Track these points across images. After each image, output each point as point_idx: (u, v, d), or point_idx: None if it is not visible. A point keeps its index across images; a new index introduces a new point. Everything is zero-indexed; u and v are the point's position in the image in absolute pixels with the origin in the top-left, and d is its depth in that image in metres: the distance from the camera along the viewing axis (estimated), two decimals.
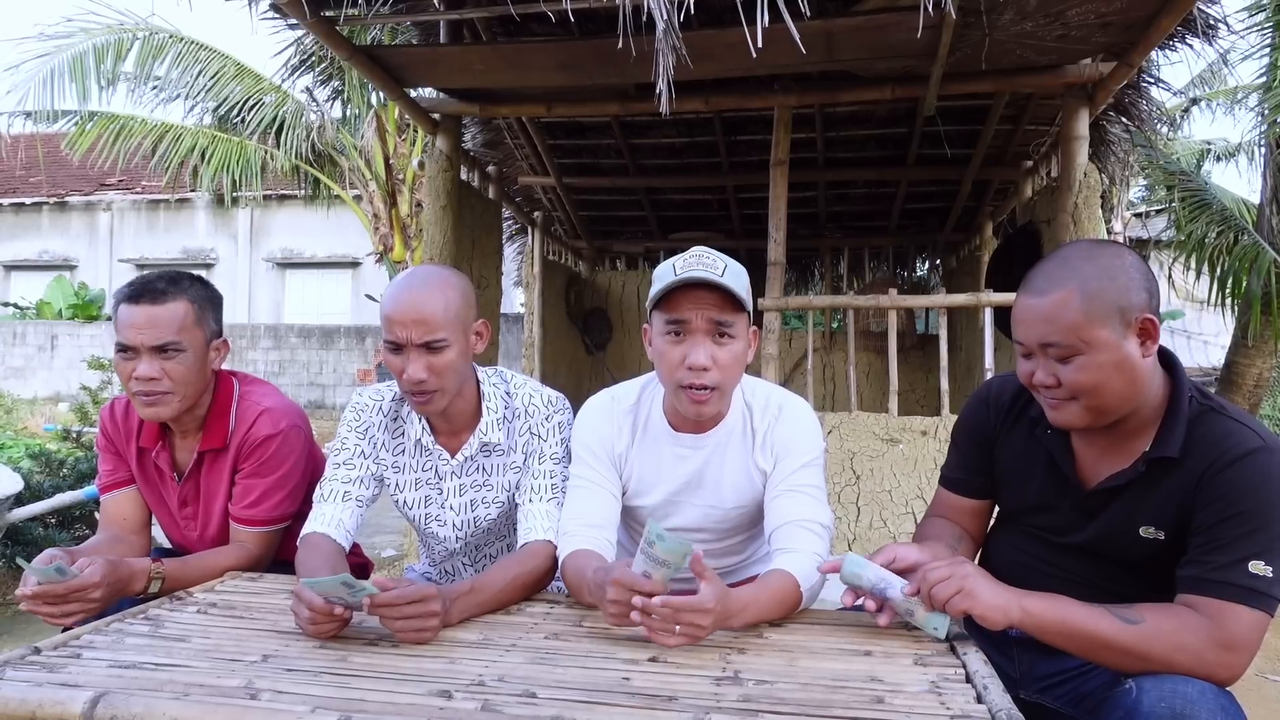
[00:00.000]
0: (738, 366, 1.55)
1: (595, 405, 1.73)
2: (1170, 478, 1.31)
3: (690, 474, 1.66)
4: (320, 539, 1.62)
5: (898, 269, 8.11)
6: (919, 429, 3.80)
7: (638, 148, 5.74)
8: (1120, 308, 1.26)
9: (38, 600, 1.45)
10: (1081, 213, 3.80)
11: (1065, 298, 1.28)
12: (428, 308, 1.55)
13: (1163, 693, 1.15)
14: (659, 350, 1.55)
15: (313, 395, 13.75)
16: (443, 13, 3.24)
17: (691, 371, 1.49)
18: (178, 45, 8.15)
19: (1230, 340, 5.86)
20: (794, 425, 1.63)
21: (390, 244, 9.39)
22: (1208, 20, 3.51)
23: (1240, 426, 1.28)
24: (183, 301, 1.75)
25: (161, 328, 1.71)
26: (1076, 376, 1.29)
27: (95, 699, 1.02)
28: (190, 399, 1.78)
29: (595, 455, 1.67)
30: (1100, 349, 1.27)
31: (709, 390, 1.51)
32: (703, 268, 1.48)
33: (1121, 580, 1.38)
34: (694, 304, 1.48)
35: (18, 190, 17.93)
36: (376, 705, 1.06)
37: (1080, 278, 1.28)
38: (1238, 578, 1.20)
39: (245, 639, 1.31)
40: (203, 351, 1.78)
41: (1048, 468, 1.46)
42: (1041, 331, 1.30)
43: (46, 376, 14.46)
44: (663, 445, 1.67)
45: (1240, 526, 1.22)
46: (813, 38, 3.12)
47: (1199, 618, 1.20)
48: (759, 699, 1.10)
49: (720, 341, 1.51)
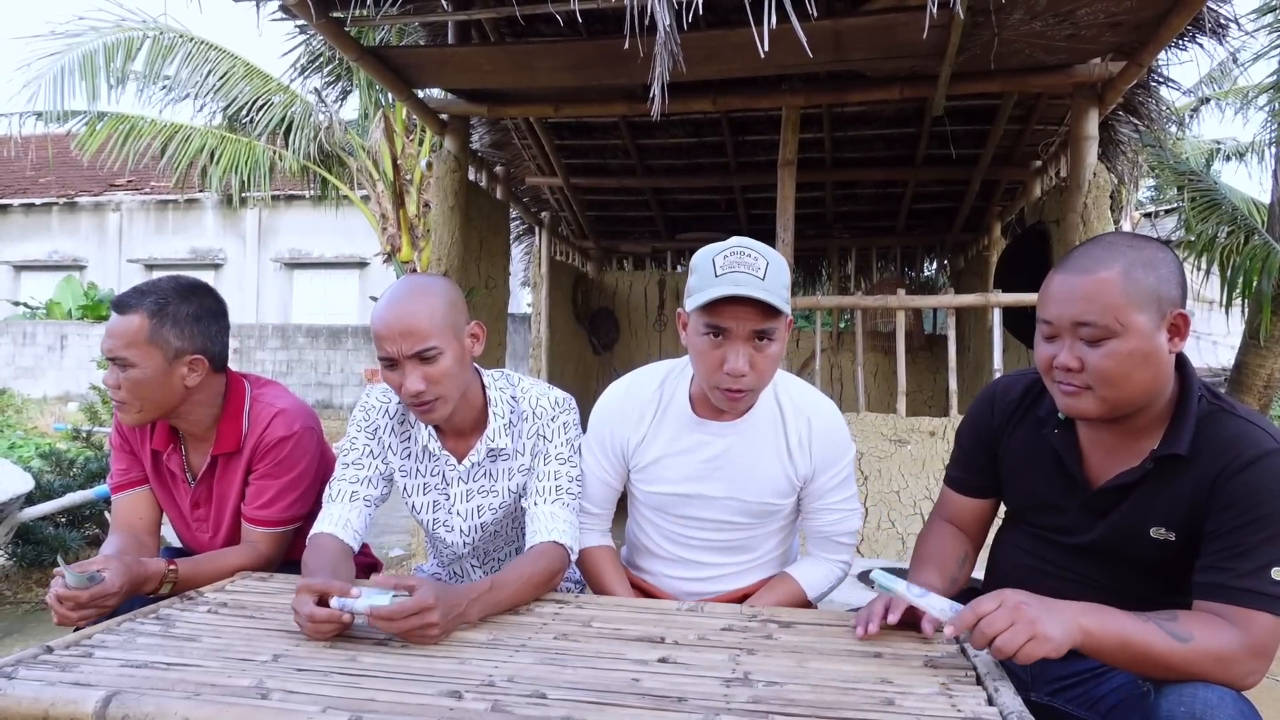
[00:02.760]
0: (774, 366, 1.57)
1: (615, 395, 1.76)
2: (1180, 477, 1.29)
3: (710, 460, 1.67)
4: (327, 539, 1.62)
5: (905, 269, 8.09)
6: (927, 430, 3.80)
7: (645, 148, 5.75)
8: (1159, 297, 1.25)
9: (62, 602, 1.47)
10: (1090, 213, 3.79)
11: (1109, 277, 1.26)
12: (414, 318, 1.54)
13: (1182, 697, 1.14)
14: (697, 348, 1.54)
15: (320, 395, 13.78)
16: (450, 14, 3.25)
17: (730, 377, 1.50)
18: (187, 45, 8.17)
19: (1240, 341, 5.84)
20: (830, 438, 1.68)
21: (398, 244, 9.40)
22: (1218, 19, 3.50)
23: (1252, 427, 1.27)
24: (138, 315, 1.71)
25: (114, 339, 1.71)
26: (1104, 363, 1.26)
27: (107, 698, 1.03)
28: (153, 411, 1.77)
29: (604, 450, 1.75)
30: (1134, 334, 1.25)
31: (744, 393, 1.54)
32: (744, 268, 1.45)
33: (1131, 581, 1.37)
34: (735, 315, 1.47)
35: (28, 191, 18.02)
36: (387, 705, 1.06)
37: (1126, 261, 1.26)
38: (1263, 585, 1.19)
39: (256, 639, 1.31)
40: (162, 366, 1.73)
41: (1055, 466, 1.45)
42: (1079, 309, 1.27)
43: (56, 376, 14.52)
44: (683, 428, 1.68)
45: (1261, 532, 1.20)
46: (820, 37, 3.11)
47: (1231, 628, 1.19)
48: (769, 700, 1.10)
49: (760, 346, 1.51)
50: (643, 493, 1.76)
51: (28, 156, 9.86)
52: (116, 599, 1.51)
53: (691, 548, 1.76)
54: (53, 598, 1.47)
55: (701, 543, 1.75)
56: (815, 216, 6.94)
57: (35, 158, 10.99)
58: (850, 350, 7.34)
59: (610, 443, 1.73)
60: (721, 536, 1.74)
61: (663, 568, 1.81)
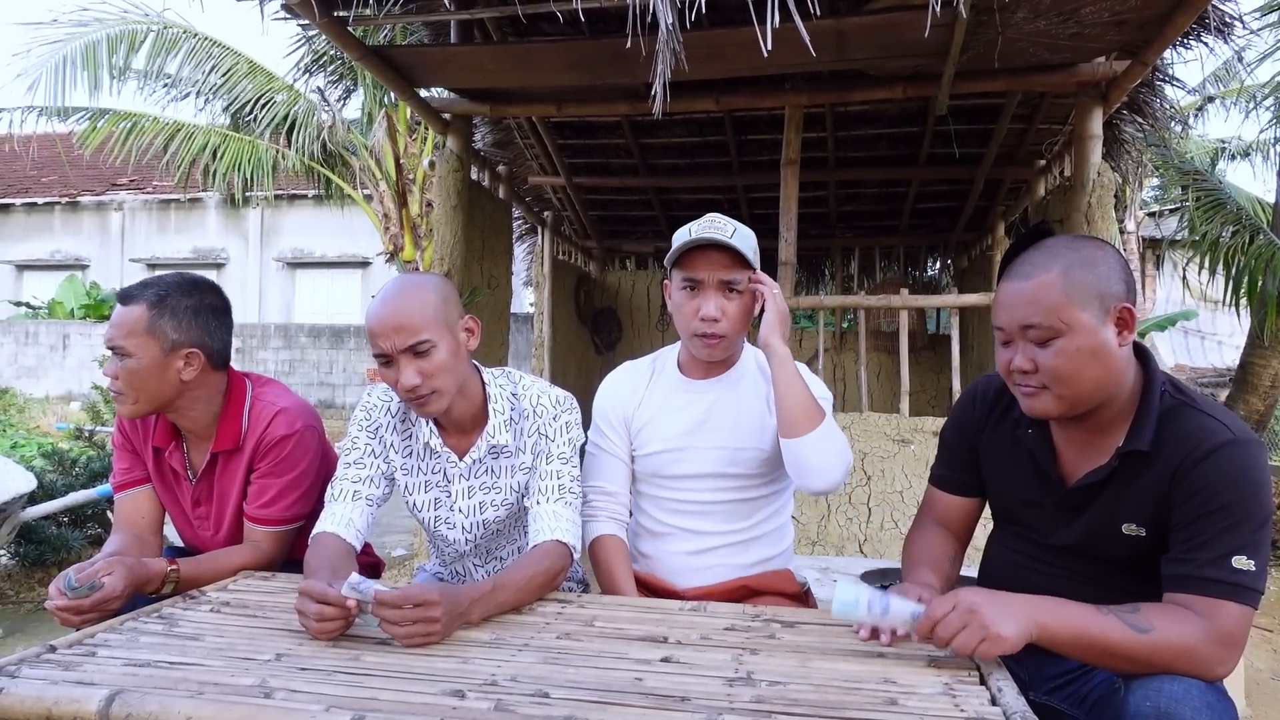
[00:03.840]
0: (745, 317, 1.77)
1: (612, 375, 1.97)
2: (1145, 472, 1.32)
3: (699, 414, 1.82)
4: (329, 539, 1.62)
5: (909, 269, 8.09)
6: (930, 430, 3.79)
7: (648, 147, 5.74)
8: (1100, 294, 1.29)
9: (64, 611, 1.48)
10: (1095, 212, 3.78)
11: (1048, 280, 1.31)
12: (405, 313, 1.56)
13: (1148, 691, 1.15)
14: (677, 304, 1.77)
15: (322, 395, 13.80)
16: (453, 13, 3.25)
17: (704, 322, 1.72)
18: (190, 40, 8.17)
19: (1245, 340, 5.83)
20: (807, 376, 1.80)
21: (400, 244, 9.40)
22: (1223, 18, 3.49)
23: (1210, 419, 1.29)
24: (139, 306, 1.75)
25: (115, 328, 1.74)
26: (1054, 361, 1.30)
27: (110, 697, 1.03)
28: (148, 403, 1.77)
29: (609, 424, 1.89)
30: (1079, 332, 1.29)
31: (719, 338, 1.74)
32: (714, 230, 1.71)
33: (1111, 576, 1.38)
34: (707, 265, 1.72)
35: (30, 190, 18.06)
36: (390, 704, 1.06)
37: (1064, 263, 1.31)
38: (1224, 574, 1.21)
39: (258, 638, 1.31)
40: (158, 359, 1.74)
41: (1031, 466, 1.48)
42: (1024, 313, 1.32)
43: (58, 376, 14.55)
44: (674, 390, 1.87)
45: (1220, 522, 1.22)
46: (824, 37, 3.11)
47: (1196, 618, 1.20)
48: (772, 700, 1.09)
49: (729, 296, 1.73)
50: (641, 458, 1.87)
51: (29, 155, 9.85)
52: (119, 602, 1.51)
53: (686, 514, 1.83)
54: (53, 606, 1.48)
55: (696, 507, 1.83)
56: (818, 216, 6.94)
57: (37, 156, 10.98)
58: (853, 350, 7.33)
59: (614, 415, 1.89)
60: (714, 497, 1.82)
61: (662, 544, 1.87)
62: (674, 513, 1.85)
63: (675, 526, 1.85)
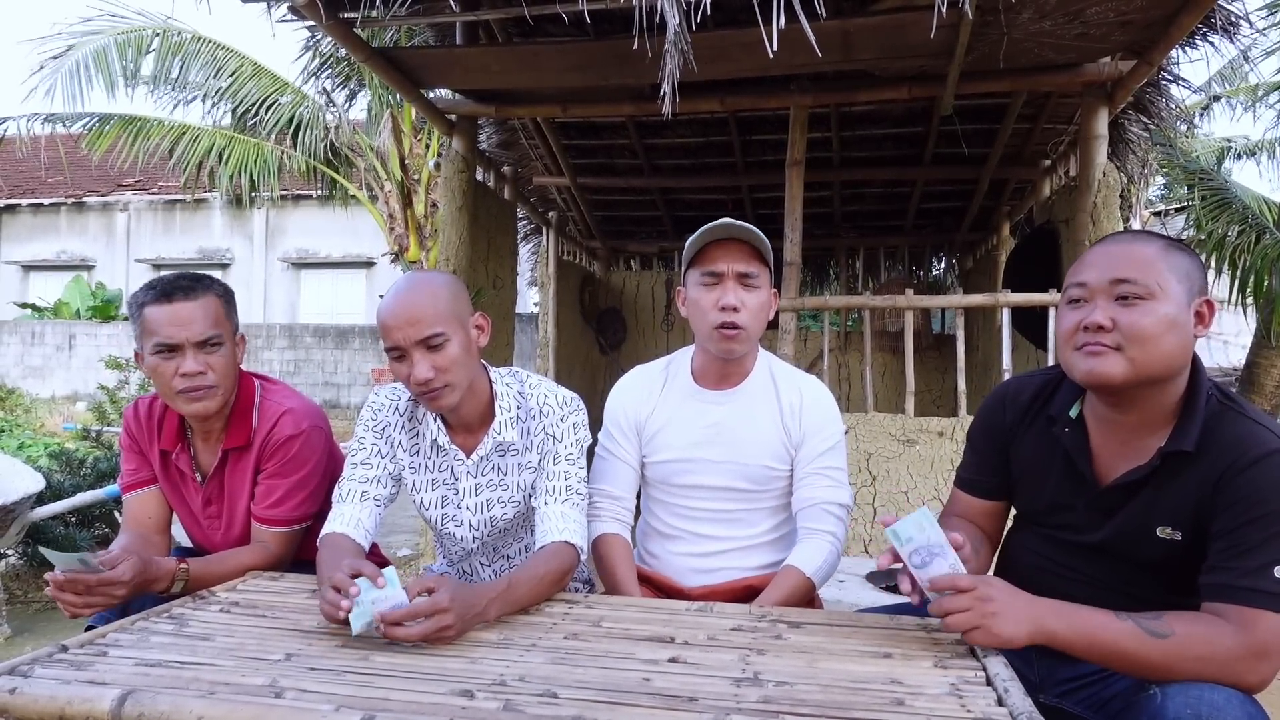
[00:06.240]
0: (762, 314, 1.78)
1: (625, 379, 1.97)
2: (1187, 475, 1.30)
3: (712, 425, 1.82)
4: (339, 538, 1.63)
5: (913, 269, 8.07)
6: (935, 430, 3.79)
7: (653, 148, 5.74)
8: (1191, 278, 1.32)
9: (65, 589, 1.47)
10: (1100, 212, 3.78)
11: (1150, 249, 1.33)
12: (419, 307, 1.58)
13: (1188, 699, 1.14)
14: (695, 300, 1.78)
15: (327, 395, 13.83)
16: (459, 14, 3.25)
17: (724, 312, 1.73)
18: (197, 44, 8.21)
19: (1251, 340, 5.81)
20: (820, 408, 1.82)
21: (405, 244, 9.43)
22: (1229, 17, 3.48)
23: (1259, 427, 1.27)
24: (213, 296, 1.79)
25: (202, 322, 1.75)
26: (1141, 320, 1.29)
27: (123, 697, 1.04)
28: (229, 392, 1.82)
29: (621, 429, 1.89)
30: (1170, 300, 1.29)
31: (739, 329, 1.73)
32: (732, 224, 1.74)
33: (1138, 582, 1.37)
34: (726, 257, 1.74)
35: (36, 191, 18.12)
36: (399, 704, 1.06)
37: (1164, 242, 1.34)
38: (1265, 584, 1.18)
39: (268, 638, 1.32)
40: (234, 345, 1.83)
41: (1065, 466, 1.46)
42: (1123, 269, 1.31)
43: (64, 376, 14.60)
44: (687, 399, 1.86)
45: (1264, 530, 1.20)
46: (829, 37, 3.11)
47: (1229, 627, 1.19)
48: (779, 700, 1.10)
49: (748, 289, 1.74)
50: (651, 465, 1.88)
51: (38, 157, 9.90)
52: (126, 590, 1.52)
53: (695, 519, 1.85)
54: (53, 590, 1.47)
55: (704, 514, 1.84)
56: (823, 216, 6.93)
57: (45, 158, 11.04)
58: (858, 350, 7.34)
59: (626, 420, 1.89)
60: (722, 506, 1.83)
61: (670, 546, 1.88)
62: (683, 518, 1.87)
63: (684, 530, 1.87)
